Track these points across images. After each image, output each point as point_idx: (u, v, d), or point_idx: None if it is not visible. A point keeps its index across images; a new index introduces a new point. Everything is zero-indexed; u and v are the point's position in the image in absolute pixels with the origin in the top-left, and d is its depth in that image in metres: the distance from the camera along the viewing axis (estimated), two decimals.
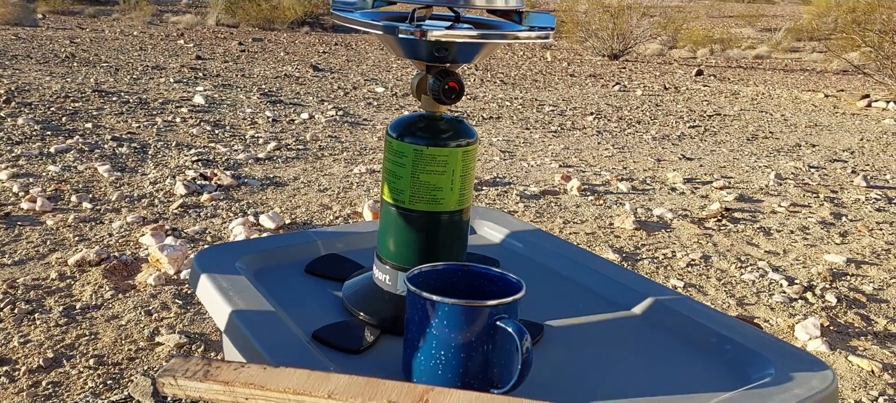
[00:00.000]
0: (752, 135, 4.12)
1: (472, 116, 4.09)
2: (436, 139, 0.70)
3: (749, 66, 8.47)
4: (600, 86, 5.95)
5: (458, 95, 0.69)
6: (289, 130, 3.27)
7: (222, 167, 2.53)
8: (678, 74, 7.14)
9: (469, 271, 0.65)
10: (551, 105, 4.73)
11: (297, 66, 5.59)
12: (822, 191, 2.85)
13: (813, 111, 5.26)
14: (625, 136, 3.83)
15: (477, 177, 2.67)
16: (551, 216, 2.28)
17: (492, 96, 4.90)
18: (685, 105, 5.14)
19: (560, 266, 0.90)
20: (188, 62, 5.26)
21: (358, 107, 4.07)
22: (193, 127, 3.14)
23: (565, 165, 3.02)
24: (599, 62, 7.87)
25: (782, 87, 6.58)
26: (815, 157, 3.57)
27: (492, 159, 3.04)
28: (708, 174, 3.03)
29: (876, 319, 1.66)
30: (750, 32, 12.97)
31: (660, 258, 1.97)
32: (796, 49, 10.85)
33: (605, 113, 4.55)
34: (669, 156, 3.36)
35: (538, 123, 4.04)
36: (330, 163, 2.74)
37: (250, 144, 2.93)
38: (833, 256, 2.05)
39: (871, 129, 4.58)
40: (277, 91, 4.36)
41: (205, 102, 3.70)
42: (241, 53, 6.14)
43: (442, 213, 0.71)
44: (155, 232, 1.79)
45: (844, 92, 6.35)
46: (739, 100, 5.56)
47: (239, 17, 9.16)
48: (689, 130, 4.14)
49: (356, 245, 0.93)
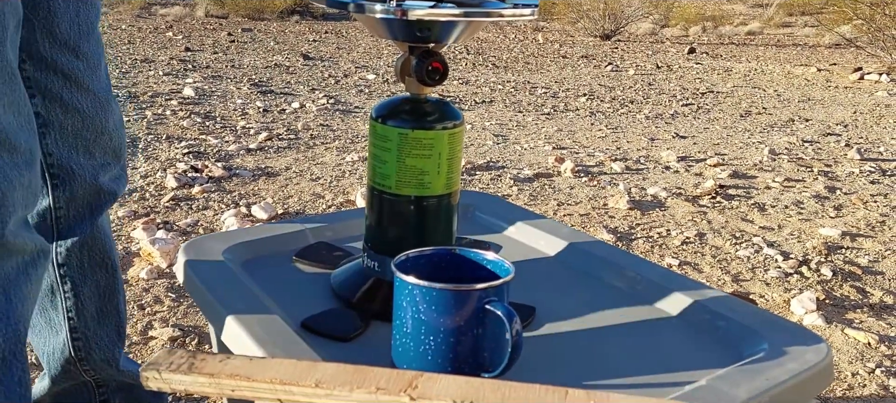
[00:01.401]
0: (745, 111, 4.12)
1: (465, 100, 4.07)
2: (421, 122, 0.69)
3: (741, 43, 8.46)
4: (593, 67, 5.93)
5: (442, 76, 0.68)
6: (280, 120, 3.24)
7: (213, 159, 2.52)
8: (670, 53, 7.12)
9: (457, 256, 0.64)
10: (544, 87, 4.71)
11: (288, 56, 5.55)
12: (816, 165, 2.85)
13: (806, 85, 5.26)
14: (618, 117, 3.82)
15: (470, 162, 2.66)
16: (545, 199, 2.28)
17: (484, 80, 4.88)
18: (678, 83, 5.13)
19: (552, 248, 0.89)
20: (177, 54, 5.22)
21: (349, 94, 4.05)
22: (184, 119, 3.11)
23: (559, 147, 3.01)
24: (591, 43, 7.84)
25: (775, 63, 6.57)
26: (808, 132, 3.56)
27: (485, 143, 3.02)
28: (701, 152, 3.02)
29: (871, 291, 1.66)
30: (742, 9, 12.92)
31: (654, 237, 1.96)
32: (788, 24, 10.82)
33: (598, 94, 4.53)
34: (663, 135, 3.35)
35: (531, 106, 4.03)
36: (322, 152, 2.72)
37: (241, 135, 2.91)
38: (828, 230, 2.05)
39: (864, 102, 4.58)
40: (268, 81, 4.33)
41: (195, 94, 3.67)
42: (230, 44, 6.09)
43: (429, 197, 0.70)
44: (146, 225, 1.78)
45: (837, 65, 6.34)
46: (732, 77, 5.55)
47: (228, 7, 9.09)
48: (682, 108, 4.12)
49: (346, 232, 0.92)
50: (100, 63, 0.80)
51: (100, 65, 0.80)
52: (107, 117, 0.81)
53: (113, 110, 0.83)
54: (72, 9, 0.75)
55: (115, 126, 0.83)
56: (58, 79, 0.76)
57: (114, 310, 0.91)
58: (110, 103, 0.82)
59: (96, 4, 0.79)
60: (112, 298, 0.90)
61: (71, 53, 0.76)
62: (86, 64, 0.77)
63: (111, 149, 0.83)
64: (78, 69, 0.77)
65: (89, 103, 0.79)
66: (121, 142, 0.85)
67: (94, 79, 0.79)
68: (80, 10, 0.76)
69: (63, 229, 0.83)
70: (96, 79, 0.79)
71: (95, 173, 0.82)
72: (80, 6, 0.76)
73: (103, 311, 0.89)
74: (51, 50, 0.74)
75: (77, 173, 0.80)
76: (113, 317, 0.91)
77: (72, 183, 0.81)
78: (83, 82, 0.77)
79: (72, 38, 0.75)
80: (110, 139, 0.83)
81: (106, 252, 0.88)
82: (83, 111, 0.78)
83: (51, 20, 0.74)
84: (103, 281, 0.88)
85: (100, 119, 0.80)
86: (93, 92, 0.79)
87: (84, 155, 0.81)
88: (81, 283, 0.86)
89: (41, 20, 0.73)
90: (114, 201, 0.87)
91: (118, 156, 0.85)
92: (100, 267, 0.87)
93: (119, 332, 0.92)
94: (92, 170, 0.82)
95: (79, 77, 0.77)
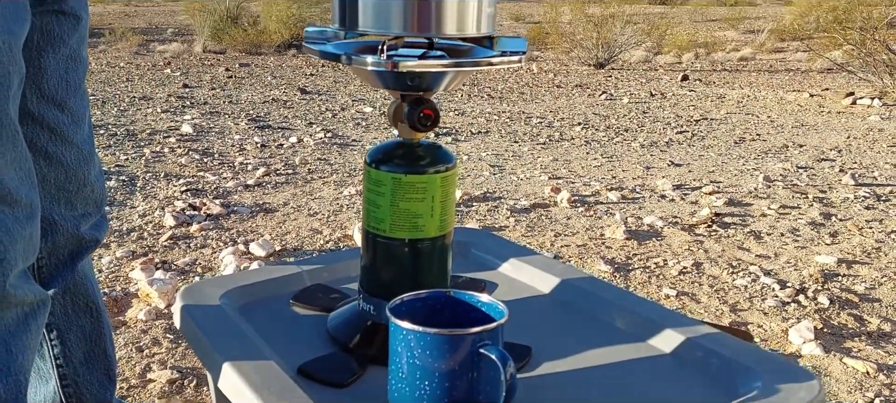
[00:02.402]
0: (739, 138, 4.15)
1: (461, 131, 4.10)
2: (414, 166, 0.70)
3: (734, 69, 8.54)
4: (587, 95, 5.98)
5: (433, 122, 0.69)
6: (278, 155, 3.26)
7: (211, 196, 2.53)
8: (664, 80, 7.18)
9: (452, 298, 0.65)
10: (539, 117, 4.75)
11: (285, 90, 5.60)
12: (811, 191, 2.86)
13: (799, 111, 5.30)
14: (613, 145, 3.85)
15: (467, 193, 2.67)
16: (542, 229, 2.29)
17: (479, 111, 4.92)
18: (672, 111, 5.17)
19: (547, 285, 0.90)
20: (175, 91, 5.26)
21: (346, 127, 4.07)
22: (182, 156, 3.13)
23: (555, 177, 3.03)
24: (585, 72, 7.91)
25: (768, 89, 6.63)
26: (802, 158, 3.59)
27: (481, 174, 3.04)
28: (697, 179, 3.04)
29: (869, 319, 1.67)
30: (734, 35, 13.07)
31: (651, 267, 1.97)
32: (780, 49, 10.94)
33: (593, 122, 4.57)
34: (658, 164, 3.37)
35: (527, 136, 4.06)
36: (319, 187, 2.74)
37: (239, 171, 2.93)
38: (824, 257, 2.06)
39: (858, 127, 4.61)
40: (265, 116, 4.36)
41: (193, 131, 3.70)
42: (228, 79, 6.14)
43: (423, 240, 0.71)
44: (144, 265, 1.78)
45: (829, 90, 6.40)
46: (726, 104, 5.60)
47: (225, 42, 9.18)
48: (676, 136, 4.16)
49: (342, 273, 0.93)
50: (84, 116, 0.82)
51: (84, 118, 0.82)
52: (89, 169, 0.83)
53: (94, 162, 0.85)
54: (61, 66, 0.77)
55: (96, 177, 0.85)
56: (43, 132, 0.77)
57: (101, 354, 0.91)
58: (92, 155, 0.84)
59: (84, 60, 0.82)
60: (99, 342, 0.91)
61: (57, 108, 0.78)
62: (71, 118, 0.79)
63: (92, 199, 0.85)
64: (63, 123, 0.78)
65: (73, 156, 0.80)
66: (102, 192, 0.87)
67: (78, 132, 0.81)
68: (69, 67, 0.78)
69: (45, 278, 0.84)
70: (80, 133, 0.81)
71: (77, 223, 0.84)
72: (69, 63, 0.78)
73: (91, 356, 0.90)
74: (38, 105, 0.76)
75: (59, 224, 0.82)
76: (101, 361, 0.91)
77: (54, 233, 0.82)
78: (68, 136, 0.79)
79: (59, 94, 0.77)
80: (92, 190, 0.84)
81: (89, 296, 0.89)
82: (67, 164, 0.80)
83: (40, 77, 0.75)
84: (89, 326, 0.89)
85: (82, 171, 0.82)
86: (76, 145, 0.80)
87: (66, 206, 0.82)
88: (67, 330, 0.87)
89: (31, 76, 0.75)
90: (95, 247, 0.88)
91: (99, 205, 0.87)
92: (84, 311, 0.88)
93: (109, 376, 0.93)
94: (73, 220, 0.83)
95: (64, 131, 0.79)
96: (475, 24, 0.66)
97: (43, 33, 0.75)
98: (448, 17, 0.64)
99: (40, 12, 0.74)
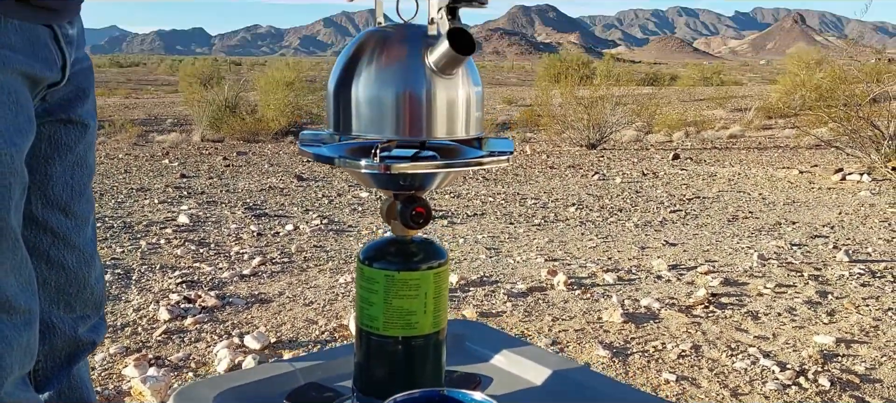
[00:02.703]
0: (732, 216, 4.18)
1: (457, 213, 4.13)
2: (407, 263, 0.71)
3: (724, 147, 8.68)
4: (580, 176, 6.06)
5: (426, 220, 0.71)
6: (274, 243, 3.27)
7: (206, 287, 2.52)
8: (656, 159, 7.29)
9: (446, 398, 0.65)
10: (533, 198, 4.79)
11: (282, 177, 5.66)
12: (806, 269, 2.87)
13: (790, 188, 5.37)
14: (608, 225, 3.87)
15: (463, 278, 2.67)
16: (540, 314, 2.28)
17: (475, 193, 4.96)
18: (664, 190, 5.23)
19: (540, 377, 0.90)
20: (173, 181, 5.31)
21: (343, 213, 4.10)
22: (178, 247, 3.14)
23: (551, 259, 3.04)
24: (578, 152, 8.03)
25: (758, 166, 6.73)
26: (796, 235, 3.61)
27: (478, 257, 3.05)
28: (692, 259, 3.05)
29: (871, 400, 1.65)
30: (722, 113, 13.36)
31: (650, 351, 1.95)
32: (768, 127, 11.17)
33: (587, 203, 4.61)
34: (653, 243, 3.39)
35: (522, 217, 4.09)
36: (315, 275, 2.74)
37: (235, 261, 2.93)
38: (822, 337, 2.05)
39: (849, 202, 4.67)
40: (262, 204, 4.39)
41: (189, 221, 3.72)
42: (225, 168, 6.22)
43: (417, 337, 0.72)
44: (138, 362, 1.76)
45: (818, 167, 6.50)
46: (717, 182, 5.67)
47: (224, 131, 9.34)
48: (670, 215, 4.19)
49: (336, 370, 0.92)
50: (88, 220, 0.83)
51: (88, 221, 0.83)
52: (90, 272, 0.84)
53: (96, 264, 0.85)
54: (67, 172, 0.79)
55: (96, 279, 0.85)
56: (46, 237, 0.78)
57: None
58: (94, 258, 0.85)
59: (90, 166, 0.83)
60: None
61: (61, 213, 0.79)
62: (74, 222, 0.80)
63: (92, 302, 0.85)
64: (66, 228, 0.79)
65: (74, 259, 0.81)
66: (101, 295, 0.87)
67: (81, 235, 0.82)
68: (75, 172, 0.80)
69: (41, 382, 0.83)
70: (83, 236, 0.82)
71: (75, 326, 0.84)
72: (76, 169, 0.80)
73: None
74: (43, 210, 0.77)
75: (57, 327, 0.82)
76: None
77: (52, 336, 0.82)
78: (70, 240, 0.80)
79: (64, 199, 0.78)
80: (91, 293, 0.85)
81: (84, 399, 0.88)
82: (68, 267, 0.80)
83: (46, 183, 0.77)
84: None
85: (83, 274, 0.82)
86: (78, 248, 0.81)
87: (65, 309, 0.82)
88: None
89: (37, 183, 0.76)
90: (92, 350, 0.88)
91: (98, 308, 0.87)
92: None
93: None
94: (71, 323, 0.83)
95: (67, 235, 0.79)
96: (464, 128, 0.68)
97: (50, 142, 0.77)
98: (439, 121, 0.66)
99: (48, 122, 0.76)
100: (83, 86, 0.80)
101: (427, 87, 0.66)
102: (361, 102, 0.67)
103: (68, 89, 0.77)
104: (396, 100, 0.66)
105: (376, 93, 0.67)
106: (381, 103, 0.66)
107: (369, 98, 0.67)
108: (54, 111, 0.77)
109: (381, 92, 0.66)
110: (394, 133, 0.66)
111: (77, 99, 0.79)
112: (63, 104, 0.77)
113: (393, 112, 0.65)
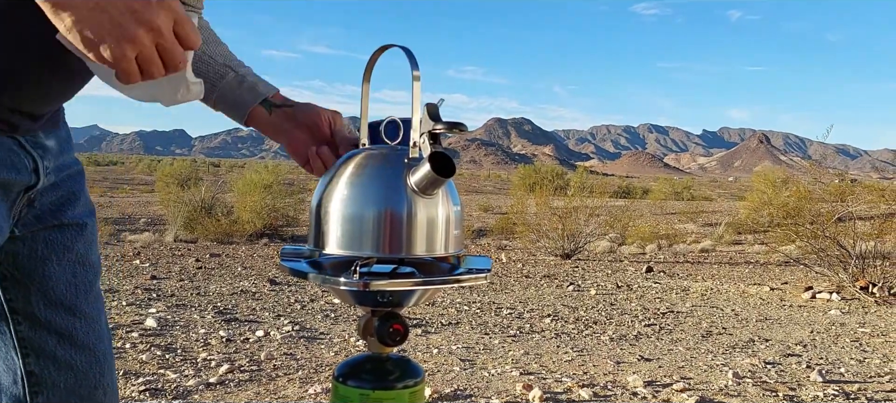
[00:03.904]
0: (706, 331, 4.19)
1: (431, 322, 4.08)
2: (383, 382, 0.70)
3: (696, 261, 8.80)
4: (555, 286, 6.07)
5: (402, 337, 0.71)
6: (242, 350, 3.19)
7: (170, 396, 2.43)
8: (629, 271, 7.35)
9: None
10: (509, 307, 4.77)
11: (255, 281, 5.58)
12: (781, 388, 2.86)
13: (762, 305, 5.42)
14: (583, 338, 3.85)
15: (437, 391, 2.61)
16: None
17: (450, 301, 4.93)
18: (639, 303, 5.25)
19: None
20: (143, 283, 5.21)
21: (315, 320, 4.03)
22: (143, 352, 3.04)
23: (526, 372, 2.99)
24: (552, 262, 8.08)
25: (729, 281, 6.81)
26: (769, 352, 3.61)
27: (452, 369, 2.99)
28: (667, 375, 3.02)
29: None
30: (693, 227, 13.63)
31: None
32: (739, 241, 11.39)
33: (562, 314, 4.60)
34: (628, 358, 3.36)
35: (497, 327, 4.05)
36: (284, 384, 2.65)
37: (202, 368, 2.84)
38: None
39: (819, 321, 4.71)
40: (233, 308, 4.31)
41: (157, 325, 3.62)
42: (197, 270, 6.13)
43: None
44: None
45: (788, 284, 6.59)
46: (690, 296, 5.71)
47: (198, 232, 9.26)
48: (644, 329, 4.18)
49: None
50: (99, 318, 0.82)
51: (99, 320, 0.82)
52: (102, 372, 0.82)
53: (110, 363, 0.83)
54: (68, 271, 0.78)
55: (109, 379, 0.83)
56: (52, 338, 0.77)
57: None
58: (107, 357, 0.83)
59: (94, 264, 0.82)
60: None
61: (67, 313, 0.78)
62: (83, 321, 0.79)
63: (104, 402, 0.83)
64: (74, 328, 0.78)
65: (83, 360, 0.79)
66: (115, 393, 0.84)
67: (92, 334, 0.80)
68: (77, 271, 0.79)
69: None
70: (94, 334, 0.81)
71: None
72: (77, 268, 0.79)
73: None
74: (46, 311, 0.76)
75: None
76: None
77: None
78: (79, 340, 0.79)
79: (68, 299, 0.78)
80: (104, 393, 0.82)
81: None
82: (77, 368, 0.79)
83: (45, 285, 0.76)
84: None
85: (94, 374, 0.81)
86: (89, 347, 0.80)
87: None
88: None
89: (36, 285, 0.76)
90: None
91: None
92: None
93: None
94: None
95: (75, 335, 0.78)
96: (443, 246, 0.69)
97: (46, 243, 0.77)
98: (418, 239, 0.68)
99: (40, 229, 0.77)
100: (74, 190, 0.81)
101: (408, 206, 0.67)
102: (344, 219, 0.68)
103: (58, 195, 0.78)
104: (378, 217, 0.67)
105: (358, 211, 0.68)
106: (363, 220, 0.68)
107: (351, 215, 0.68)
108: (45, 217, 0.77)
109: (364, 209, 0.68)
110: (374, 250, 0.67)
111: (68, 203, 0.80)
112: (53, 210, 0.78)
113: (374, 229, 0.66)
